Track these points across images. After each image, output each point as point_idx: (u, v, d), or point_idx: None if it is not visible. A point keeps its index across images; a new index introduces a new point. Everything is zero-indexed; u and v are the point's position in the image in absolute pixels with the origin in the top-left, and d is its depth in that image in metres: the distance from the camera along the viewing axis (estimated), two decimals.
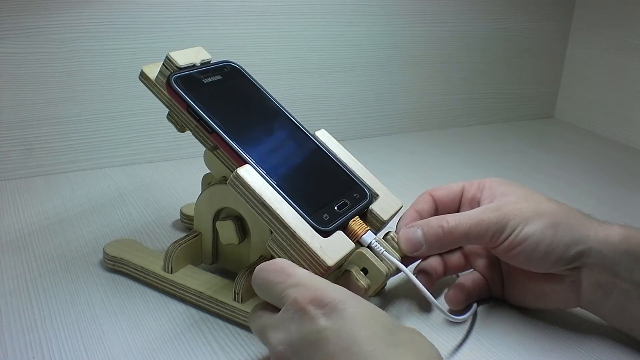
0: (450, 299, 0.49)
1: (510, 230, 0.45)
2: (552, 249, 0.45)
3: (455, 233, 0.46)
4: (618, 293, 0.45)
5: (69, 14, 0.68)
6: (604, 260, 0.45)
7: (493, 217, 0.46)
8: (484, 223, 0.46)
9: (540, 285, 0.48)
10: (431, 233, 0.47)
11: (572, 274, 0.46)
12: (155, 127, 0.77)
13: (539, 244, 0.45)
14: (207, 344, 0.46)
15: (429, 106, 0.96)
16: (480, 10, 0.95)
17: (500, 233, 0.46)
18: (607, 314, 0.47)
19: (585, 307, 0.48)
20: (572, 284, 0.46)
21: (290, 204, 0.43)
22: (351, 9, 0.84)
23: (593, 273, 0.45)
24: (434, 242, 0.47)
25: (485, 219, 0.46)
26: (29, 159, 0.71)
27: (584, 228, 0.46)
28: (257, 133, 0.48)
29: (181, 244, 0.51)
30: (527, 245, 0.45)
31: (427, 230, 0.47)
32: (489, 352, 0.46)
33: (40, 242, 0.58)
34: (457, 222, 0.46)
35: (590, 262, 0.45)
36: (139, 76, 0.51)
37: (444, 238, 0.46)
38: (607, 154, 0.92)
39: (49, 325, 0.46)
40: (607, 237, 0.45)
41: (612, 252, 0.45)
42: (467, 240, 0.47)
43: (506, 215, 0.46)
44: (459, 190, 0.52)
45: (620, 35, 0.95)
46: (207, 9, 0.75)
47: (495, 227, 0.46)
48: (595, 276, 0.45)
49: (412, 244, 0.47)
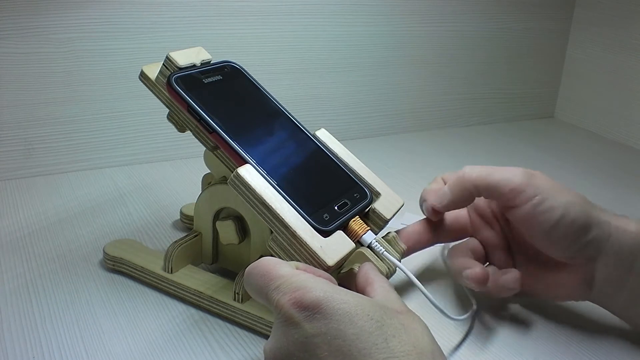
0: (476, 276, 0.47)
1: (534, 192, 0.45)
2: (576, 227, 0.45)
3: (474, 174, 0.47)
4: (630, 288, 0.45)
5: (69, 14, 0.68)
6: (621, 250, 0.45)
7: (519, 172, 0.46)
8: (508, 172, 0.46)
9: (552, 275, 0.48)
10: (453, 180, 0.48)
11: (585, 265, 0.46)
12: (155, 127, 0.77)
13: (563, 217, 0.44)
14: (207, 344, 0.46)
15: (429, 106, 0.96)
16: (480, 10, 0.95)
17: (523, 189, 0.45)
18: (617, 308, 0.47)
19: (594, 301, 0.48)
20: (584, 276, 0.46)
21: (291, 204, 0.43)
22: (351, 9, 0.84)
23: (607, 265, 0.45)
24: (455, 185, 0.48)
25: (510, 170, 0.47)
26: (29, 159, 0.71)
27: (606, 215, 0.46)
28: (257, 133, 0.48)
29: (181, 244, 0.51)
30: (552, 215, 0.45)
31: (450, 180, 0.49)
32: (489, 352, 0.46)
33: (40, 242, 0.58)
34: (480, 166, 0.48)
35: (607, 250, 0.45)
36: (139, 76, 0.51)
37: (464, 178, 0.48)
38: (607, 154, 0.92)
39: (49, 325, 0.46)
40: (626, 227, 0.45)
41: (630, 240, 0.45)
42: (487, 186, 0.47)
43: (532, 177, 0.46)
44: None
45: (620, 35, 0.95)
46: (207, 9, 0.75)
47: (518, 181, 0.46)
48: (609, 270, 0.45)
49: (438, 194, 0.49)
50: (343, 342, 0.34)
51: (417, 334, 0.35)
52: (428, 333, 0.36)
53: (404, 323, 0.36)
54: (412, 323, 0.36)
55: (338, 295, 0.35)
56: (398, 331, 0.35)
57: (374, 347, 0.33)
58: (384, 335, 0.34)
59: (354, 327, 0.34)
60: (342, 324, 0.34)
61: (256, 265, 0.38)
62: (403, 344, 0.34)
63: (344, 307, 0.35)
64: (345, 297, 0.35)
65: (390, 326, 0.35)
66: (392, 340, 0.34)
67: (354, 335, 0.34)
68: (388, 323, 0.35)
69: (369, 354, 0.33)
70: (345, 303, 0.35)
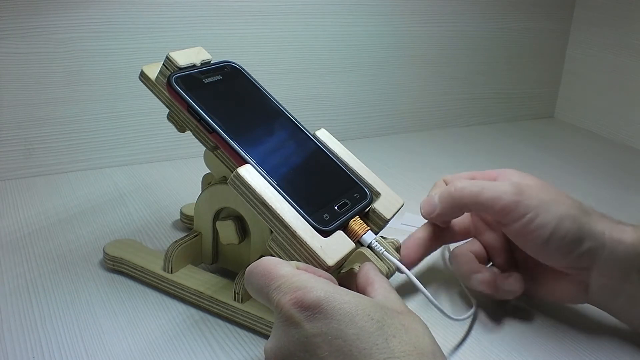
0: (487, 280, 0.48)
1: (525, 210, 0.45)
2: (569, 240, 0.44)
3: (465, 191, 0.47)
4: (625, 296, 0.45)
5: (69, 14, 0.68)
6: (616, 261, 0.44)
7: (509, 188, 0.46)
8: (499, 189, 0.46)
9: (552, 279, 0.48)
10: (444, 192, 0.48)
11: (581, 274, 0.46)
12: (155, 127, 0.77)
13: (555, 232, 0.44)
14: (207, 344, 0.46)
15: (429, 106, 0.96)
16: (480, 10, 0.95)
17: (514, 206, 0.45)
18: (615, 312, 0.47)
19: (593, 304, 0.48)
20: (580, 284, 0.46)
21: (291, 204, 0.43)
22: (351, 9, 0.84)
23: (602, 275, 0.45)
24: (446, 199, 0.48)
25: (501, 187, 0.46)
26: (29, 159, 0.71)
27: (600, 224, 0.45)
28: (257, 133, 0.48)
29: (181, 244, 0.51)
30: (544, 232, 0.44)
31: (441, 191, 0.49)
32: (489, 352, 0.46)
33: (40, 242, 0.58)
34: (471, 182, 0.48)
35: (601, 261, 0.45)
36: (139, 76, 0.51)
37: (455, 194, 0.47)
38: (607, 154, 0.92)
39: (49, 325, 0.46)
40: (621, 237, 0.45)
41: (624, 252, 0.44)
42: (476, 203, 0.47)
43: (523, 192, 0.46)
44: (468, 178, 0.52)
45: (620, 35, 0.95)
46: (207, 9, 0.75)
47: (509, 199, 0.45)
48: (604, 279, 0.45)
49: (428, 206, 0.49)
50: (344, 342, 0.34)
51: (417, 334, 0.35)
52: (429, 333, 0.36)
53: (404, 323, 0.36)
54: (413, 323, 0.36)
55: (339, 296, 0.35)
56: (399, 331, 0.35)
57: (374, 347, 0.33)
58: (384, 335, 0.34)
59: (354, 327, 0.34)
60: (342, 324, 0.34)
61: (257, 264, 0.38)
62: (404, 344, 0.34)
63: (344, 307, 0.35)
64: (346, 297, 0.35)
65: (390, 326, 0.35)
66: (393, 341, 0.34)
67: (355, 336, 0.34)
68: (389, 323, 0.35)
69: (370, 354, 0.33)
70: (346, 303, 0.35)
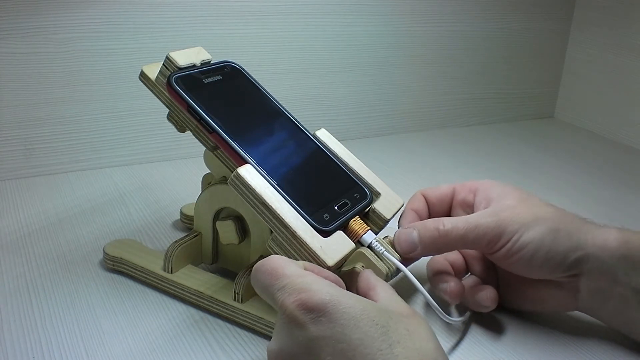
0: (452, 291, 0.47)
1: (508, 237, 0.45)
2: (551, 256, 0.44)
3: (451, 236, 0.46)
4: (616, 298, 0.45)
5: (69, 14, 0.68)
6: (602, 267, 0.44)
7: (491, 222, 0.45)
8: (481, 228, 0.45)
9: (537, 290, 0.48)
10: (427, 235, 0.46)
11: (571, 280, 0.46)
12: (155, 127, 0.77)
13: (537, 251, 0.44)
14: (207, 344, 0.46)
15: (429, 106, 0.96)
16: (480, 10, 0.95)
17: (498, 239, 0.45)
18: (605, 317, 0.47)
19: (583, 311, 0.48)
20: (570, 291, 0.46)
21: (291, 204, 0.43)
22: (351, 9, 0.84)
23: (591, 280, 0.45)
24: (429, 244, 0.46)
25: (483, 224, 0.45)
26: (29, 159, 0.71)
27: (582, 233, 0.45)
28: (257, 133, 0.48)
29: (181, 244, 0.51)
30: (526, 252, 0.44)
31: (423, 232, 0.46)
32: (488, 352, 0.46)
33: (40, 242, 0.58)
34: (454, 225, 0.46)
35: (588, 268, 0.45)
36: (139, 76, 0.51)
37: (439, 240, 0.46)
38: (607, 154, 0.92)
39: (49, 325, 0.46)
40: (605, 242, 0.44)
41: (610, 258, 0.44)
42: (463, 244, 0.46)
43: (504, 221, 0.45)
44: (449, 192, 0.52)
45: (620, 35, 0.95)
46: (207, 9, 0.75)
47: (492, 233, 0.45)
48: (594, 283, 0.45)
49: (407, 245, 0.47)
50: (347, 347, 0.34)
51: (422, 340, 0.36)
52: (433, 338, 0.36)
53: (409, 328, 0.36)
54: (418, 327, 0.36)
55: (344, 299, 0.35)
56: (403, 337, 0.35)
57: (378, 353, 0.34)
58: (388, 341, 0.34)
59: (358, 332, 0.34)
60: (347, 328, 0.34)
61: (264, 262, 0.38)
62: (407, 350, 0.34)
63: (349, 312, 0.35)
64: (351, 302, 0.35)
65: (395, 332, 0.35)
66: (397, 347, 0.34)
67: (359, 340, 0.34)
68: (393, 328, 0.35)
69: (373, 359, 0.33)
70: (350, 307, 0.35)
